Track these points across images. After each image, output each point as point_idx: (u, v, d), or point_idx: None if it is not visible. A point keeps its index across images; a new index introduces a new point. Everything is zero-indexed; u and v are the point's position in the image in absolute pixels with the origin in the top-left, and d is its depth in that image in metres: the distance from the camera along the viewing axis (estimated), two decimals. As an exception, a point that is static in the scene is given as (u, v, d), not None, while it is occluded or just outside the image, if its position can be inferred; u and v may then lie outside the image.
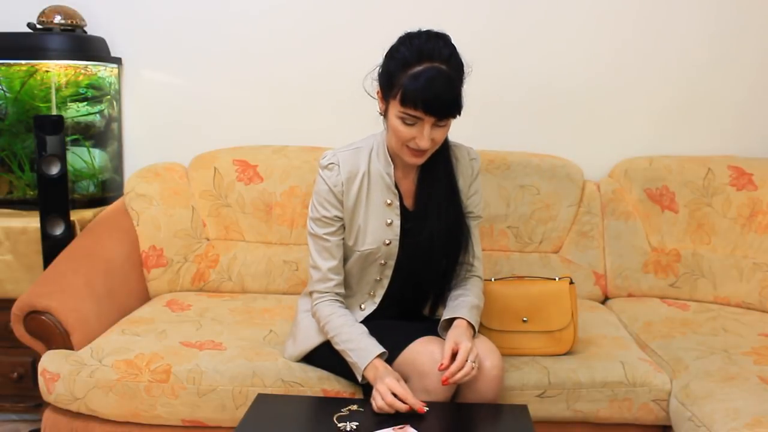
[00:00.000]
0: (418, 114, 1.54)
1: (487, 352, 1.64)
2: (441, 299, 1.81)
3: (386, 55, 1.61)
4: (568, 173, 2.44)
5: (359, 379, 1.63)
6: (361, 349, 1.62)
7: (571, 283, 1.89)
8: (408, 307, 1.84)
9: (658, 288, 2.39)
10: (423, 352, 1.61)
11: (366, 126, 1.79)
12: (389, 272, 1.76)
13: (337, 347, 1.68)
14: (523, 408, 1.59)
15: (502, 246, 2.43)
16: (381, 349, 1.61)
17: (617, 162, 2.54)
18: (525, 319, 1.87)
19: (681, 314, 2.23)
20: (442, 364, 1.55)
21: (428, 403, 1.54)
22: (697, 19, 2.54)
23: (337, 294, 1.75)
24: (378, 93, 1.65)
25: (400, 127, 1.57)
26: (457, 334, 1.61)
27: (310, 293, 1.78)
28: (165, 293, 2.34)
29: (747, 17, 2.53)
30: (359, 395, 1.75)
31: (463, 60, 1.59)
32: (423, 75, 1.51)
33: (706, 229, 2.39)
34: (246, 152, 2.47)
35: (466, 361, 1.55)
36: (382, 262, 1.74)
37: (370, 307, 1.79)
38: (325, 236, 1.71)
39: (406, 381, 1.61)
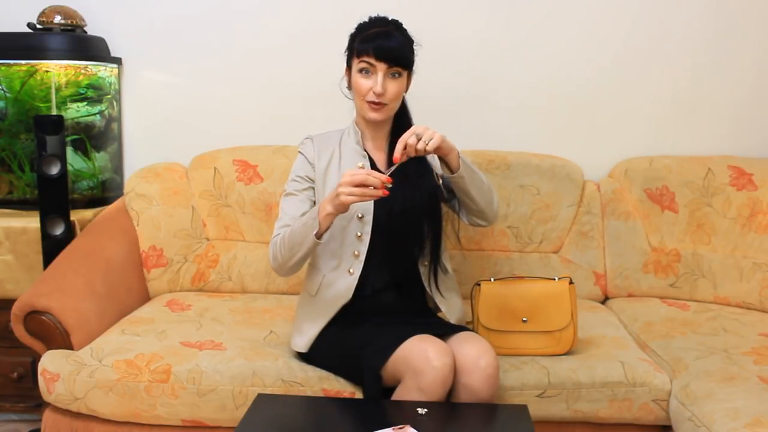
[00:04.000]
0: (371, 61, 1.73)
1: (482, 351, 1.64)
2: (439, 263, 1.84)
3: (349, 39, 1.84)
4: (568, 173, 2.44)
5: (317, 226, 1.66)
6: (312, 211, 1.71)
7: (571, 283, 1.89)
8: (400, 273, 1.85)
9: (658, 288, 2.39)
10: (416, 350, 1.61)
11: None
12: (368, 228, 1.80)
13: (296, 240, 1.71)
14: (523, 408, 1.59)
15: (502, 246, 2.43)
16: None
17: (617, 162, 2.54)
18: (525, 319, 1.88)
19: (681, 314, 2.23)
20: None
21: (424, 404, 1.54)
22: (697, 19, 2.54)
23: None
24: (345, 72, 1.85)
25: (359, 81, 1.77)
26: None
27: (273, 238, 1.81)
28: (165, 293, 2.34)
29: (747, 17, 2.53)
30: (359, 395, 1.75)
31: (412, 36, 1.81)
32: (374, 32, 1.76)
33: (706, 229, 2.39)
34: (246, 152, 2.47)
35: (413, 136, 1.61)
36: (360, 215, 1.80)
37: (357, 268, 1.80)
38: (295, 192, 1.85)
39: (399, 380, 1.62)
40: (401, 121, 1.87)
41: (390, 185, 1.59)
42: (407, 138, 1.61)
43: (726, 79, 2.57)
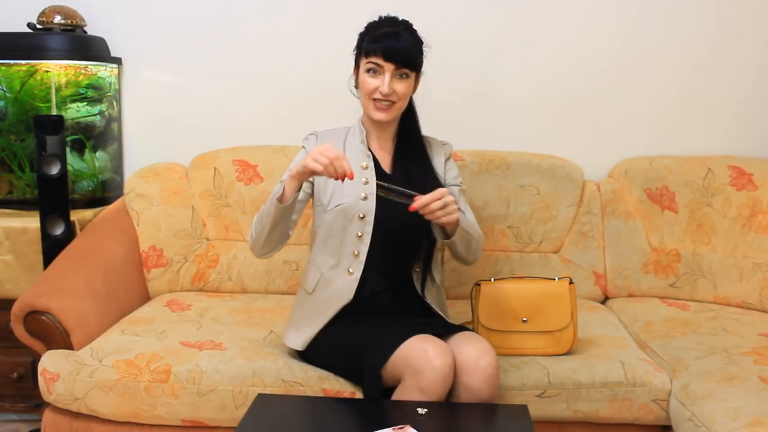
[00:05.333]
0: (379, 61, 1.74)
1: (482, 351, 1.64)
2: (429, 272, 1.85)
3: (358, 38, 1.83)
4: (568, 173, 2.44)
5: (281, 191, 1.66)
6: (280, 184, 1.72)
7: (571, 283, 1.89)
8: (397, 277, 1.84)
9: (658, 288, 2.39)
10: (416, 350, 1.60)
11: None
12: (369, 228, 1.79)
13: (265, 211, 1.72)
14: (523, 408, 1.59)
15: (502, 246, 2.43)
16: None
17: (617, 162, 2.54)
18: (525, 319, 1.88)
19: (681, 314, 2.23)
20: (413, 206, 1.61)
21: (424, 404, 1.54)
22: (697, 19, 2.54)
23: None
24: (353, 72, 1.84)
25: (366, 80, 1.77)
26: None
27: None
28: (165, 293, 2.34)
29: (747, 17, 2.53)
30: (359, 395, 1.75)
31: (422, 37, 1.81)
32: (383, 32, 1.76)
33: (706, 229, 2.39)
34: (246, 152, 2.47)
35: (440, 201, 1.60)
36: (361, 215, 1.79)
37: (357, 268, 1.80)
38: None
39: (399, 380, 1.62)
40: (408, 122, 1.87)
41: (350, 180, 1.60)
42: (437, 199, 1.59)
43: (726, 79, 2.57)
